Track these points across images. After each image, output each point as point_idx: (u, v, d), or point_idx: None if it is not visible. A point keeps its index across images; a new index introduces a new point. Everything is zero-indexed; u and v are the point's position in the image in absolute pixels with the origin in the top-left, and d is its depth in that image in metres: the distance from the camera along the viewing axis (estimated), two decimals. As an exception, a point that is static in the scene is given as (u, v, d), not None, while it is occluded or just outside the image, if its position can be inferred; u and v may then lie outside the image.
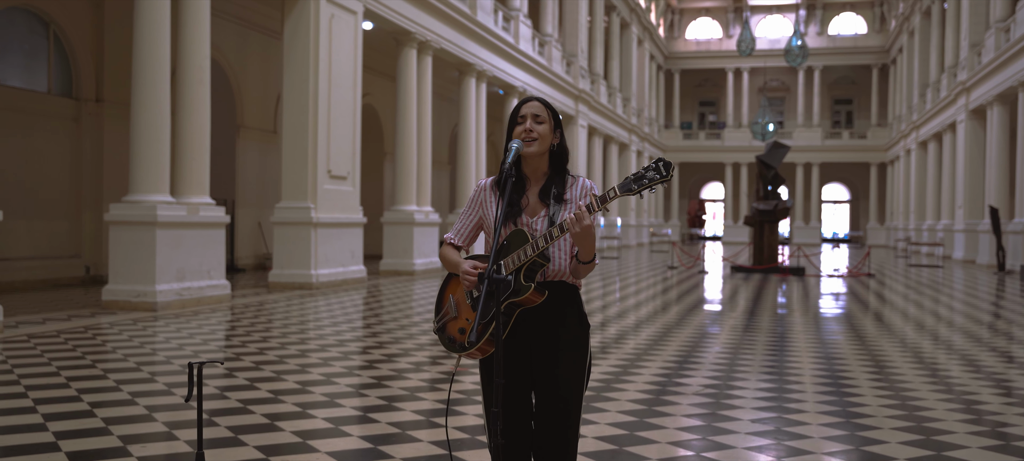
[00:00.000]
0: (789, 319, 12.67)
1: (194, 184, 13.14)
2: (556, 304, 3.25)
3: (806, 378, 7.82)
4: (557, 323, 3.26)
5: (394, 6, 18.88)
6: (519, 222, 3.27)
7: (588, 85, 36.82)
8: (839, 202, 59.68)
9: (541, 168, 3.34)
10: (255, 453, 5.09)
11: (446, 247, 3.46)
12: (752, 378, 7.78)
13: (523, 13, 28.17)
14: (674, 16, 58.81)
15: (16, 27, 15.95)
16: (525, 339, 3.26)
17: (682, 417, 6.22)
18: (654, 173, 3.00)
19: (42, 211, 16.14)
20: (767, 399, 6.87)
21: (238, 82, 20.94)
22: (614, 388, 7.22)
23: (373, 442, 5.42)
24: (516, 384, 3.28)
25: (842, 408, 6.58)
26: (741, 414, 6.34)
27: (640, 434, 5.71)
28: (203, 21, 13.23)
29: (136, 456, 4.97)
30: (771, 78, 57.97)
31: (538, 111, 3.29)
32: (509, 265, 3.17)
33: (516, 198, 3.30)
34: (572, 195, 3.29)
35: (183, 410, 6.13)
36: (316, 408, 6.30)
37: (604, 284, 19.16)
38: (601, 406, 6.52)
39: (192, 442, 5.29)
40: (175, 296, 12.36)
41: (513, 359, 3.27)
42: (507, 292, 3.14)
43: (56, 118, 16.51)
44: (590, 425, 5.90)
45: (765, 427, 5.97)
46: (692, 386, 7.36)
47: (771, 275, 22.44)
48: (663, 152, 56.34)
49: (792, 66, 38.74)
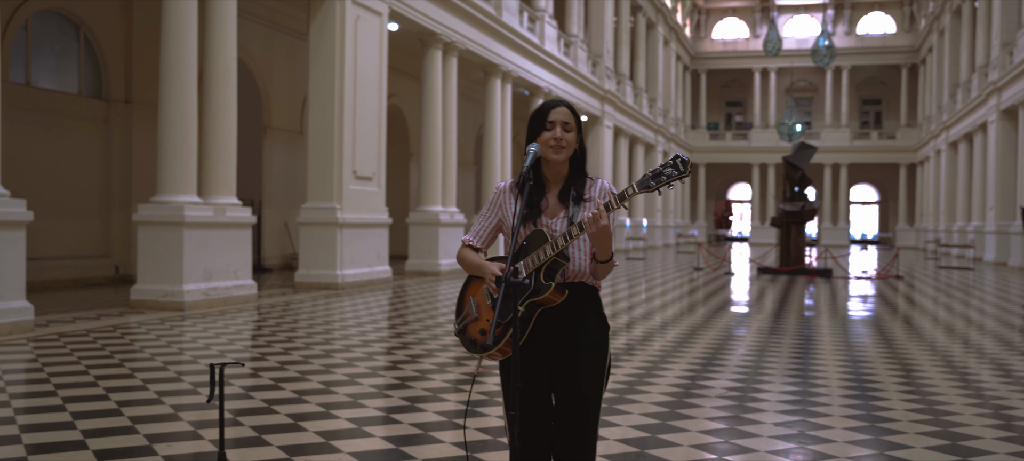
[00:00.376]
0: (815, 321, 12.58)
1: (221, 185, 13.25)
2: (576, 305, 3.26)
3: (831, 381, 7.77)
4: (577, 324, 3.26)
5: (419, 7, 18.94)
6: (538, 223, 3.28)
7: (614, 86, 36.74)
8: (868, 203, 59.16)
9: (561, 171, 3.34)
10: (279, 453, 5.13)
11: (464, 248, 3.47)
12: (777, 381, 7.74)
13: (548, 14, 28.16)
14: (700, 16, 58.56)
15: (48, 30, 16.16)
16: (545, 340, 3.27)
17: (705, 420, 6.19)
18: (672, 170, 2.99)
19: (72, 211, 16.34)
20: (791, 402, 6.83)
21: (265, 83, 21.08)
22: (637, 390, 7.21)
23: (396, 443, 5.44)
24: (536, 385, 3.28)
25: (867, 412, 6.53)
26: (765, 417, 6.30)
27: (662, 437, 5.69)
28: (230, 23, 13.33)
29: (161, 455, 5.02)
30: (798, 78, 57.59)
31: (567, 119, 3.29)
32: (529, 265, 3.18)
33: (536, 200, 3.31)
34: (591, 196, 3.29)
35: (208, 410, 6.18)
36: (339, 408, 6.33)
37: (630, 285, 19.11)
38: (624, 408, 6.50)
39: (217, 441, 5.33)
40: (202, 296, 12.47)
41: (533, 360, 3.27)
42: (527, 293, 3.15)
43: (86, 119, 16.70)
44: (613, 427, 5.89)
45: (789, 430, 5.93)
46: (716, 388, 7.32)
47: (798, 277, 22.28)
48: (689, 153, 56.11)
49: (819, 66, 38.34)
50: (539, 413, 3.30)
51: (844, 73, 54.89)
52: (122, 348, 8.92)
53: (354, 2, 16.41)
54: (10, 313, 9.59)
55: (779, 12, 57.24)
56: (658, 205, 45.20)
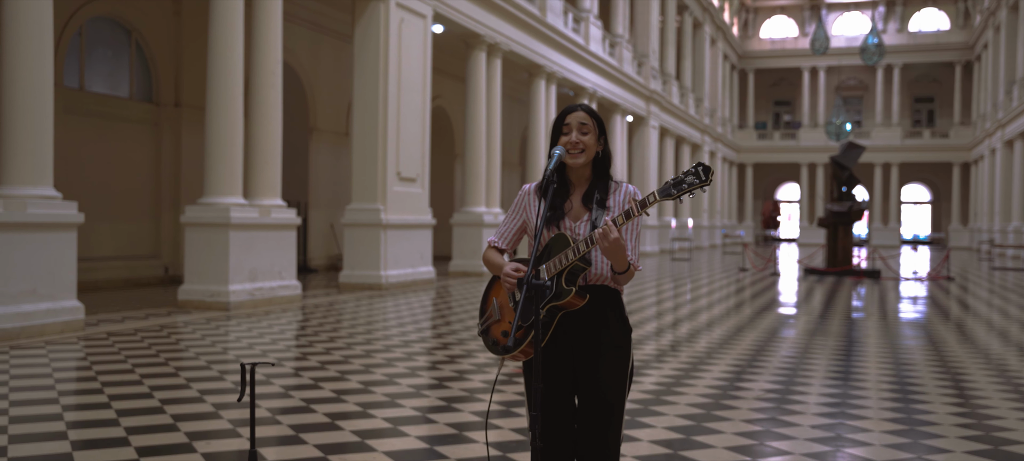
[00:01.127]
0: (860, 323, 12.42)
1: (266, 186, 13.45)
2: (598, 307, 3.28)
3: (872, 384, 7.67)
4: (599, 326, 3.28)
5: (463, 9, 19.04)
6: (562, 226, 3.30)
7: (659, 85, 36.57)
8: (920, 203, 58.14)
9: (585, 174, 3.36)
10: (314, 452, 5.21)
11: (489, 250, 3.51)
12: (816, 383, 7.66)
13: (593, 14, 28.12)
14: (748, 15, 58.02)
15: (100, 35, 16.53)
16: (567, 342, 3.29)
17: (741, 422, 6.16)
18: (693, 178, 3.00)
19: (123, 212, 16.69)
20: (830, 405, 6.77)
21: (311, 86, 21.34)
22: (675, 391, 7.19)
23: (430, 442, 5.50)
24: (558, 387, 3.31)
25: (907, 416, 6.45)
26: (802, 420, 6.25)
27: (696, 438, 5.68)
28: (275, 26, 13.52)
29: (200, 452, 5.13)
30: (848, 77, 56.81)
31: (584, 120, 3.31)
32: (551, 269, 3.21)
33: (559, 203, 3.34)
34: (615, 201, 3.31)
35: (247, 408, 6.29)
36: (377, 408, 6.41)
37: (675, 286, 19.01)
38: (659, 410, 6.49)
39: (260, 439, 5.43)
40: (247, 296, 12.67)
41: (555, 362, 3.30)
42: (548, 296, 3.18)
43: (137, 122, 17.06)
44: (646, 429, 5.89)
45: (826, 434, 5.88)
46: (754, 390, 7.28)
47: (845, 278, 22.00)
48: (737, 153, 55.65)
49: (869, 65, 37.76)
50: (562, 415, 3.32)
51: (895, 71, 54.01)
52: (168, 347, 9.11)
53: (398, 5, 16.55)
54: (62, 312, 9.84)
55: (828, 10, 56.51)
56: (705, 205, 44.89)
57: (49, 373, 7.50)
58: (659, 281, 20.40)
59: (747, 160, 56.79)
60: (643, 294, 16.74)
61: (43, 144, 9.77)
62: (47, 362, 8.04)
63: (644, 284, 19.23)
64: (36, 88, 9.66)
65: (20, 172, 9.61)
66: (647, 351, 9.55)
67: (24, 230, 9.48)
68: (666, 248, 35.97)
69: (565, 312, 3.25)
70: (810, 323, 12.35)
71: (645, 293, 16.96)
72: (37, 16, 9.69)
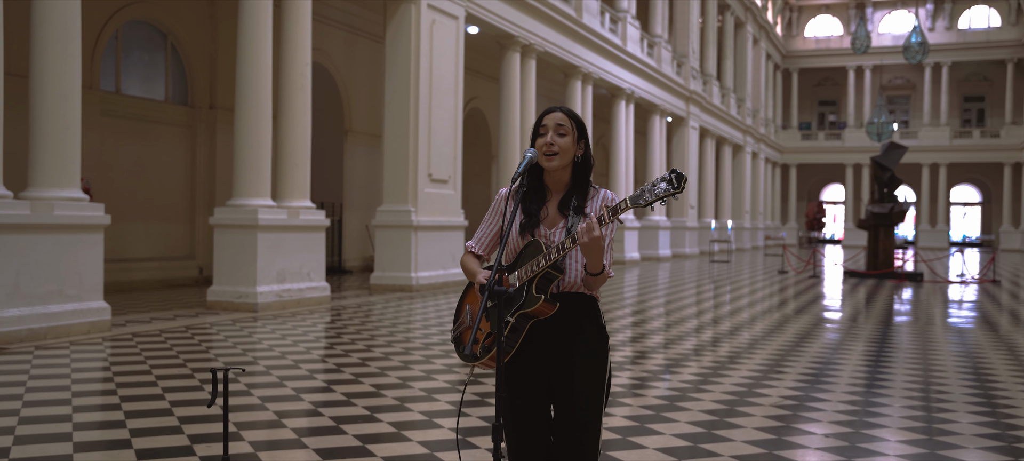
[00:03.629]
0: (892, 327, 12.15)
1: (295, 188, 13.50)
2: (572, 316, 3.19)
3: (896, 391, 7.47)
4: (574, 335, 3.19)
5: (496, 10, 18.99)
6: (537, 233, 3.22)
7: (700, 86, 36.23)
8: (969, 204, 56.94)
9: (563, 179, 3.28)
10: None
11: (466, 256, 3.45)
12: (838, 390, 7.48)
13: (631, 15, 27.93)
14: (792, 14, 57.27)
15: (136, 39, 16.74)
16: (541, 351, 3.21)
17: (753, 430, 6.02)
18: (666, 185, 2.90)
19: (159, 214, 16.88)
20: (848, 413, 6.59)
21: (346, 88, 21.43)
22: (690, 398, 7.06)
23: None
24: (533, 397, 3.23)
25: (928, 425, 6.26)
26: (816, 428, 6.10)
27: (704, 446, 5.56)
28: (304, 28, 13.58)
29: (199, 456, 5.12)
30: (895, 76, 55.81)
31: (561, 122, 3.23)
32: (522, 275, 3.14)
33: (535, 208, 3.25)
34: (592, 207, 3.22)
35: (257, 410, 6.29)
36: (383, 412, 6.37)
37: (715, 287, 18.78)
38: (671, 416, 6.38)
39: (256, 442, 5.42)
40: (275, 297, 12.73)
41: (529, 372, 3.23)
42: (518, 303, 3.11)
43: (173, 124, 17.25)
44: (654, 436, 5.79)
45: (839, 443, 5.72)
46: (771, 397, 7.12)
47: (886, 280, 21.58)
48: (780, 153, 54.98)
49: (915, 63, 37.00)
50: (537, 426, 3.24)
51: (944, 69, 52.95)
52: (189, 348, 9.16)
53: (430, 6, 16.55)
54: (88, 313, 9.95)
55: (874, 8, 55.59)
56: (746, 207, 44.42)
57: (67, 374, 7.57)
58: (698, 283, 20.17)
59: (791, 161, 56.08)
60: (681, 295, 16.55)
61: (70, 147, 9.89)
62: (68, 362, 8.13)
63: (681, 286, 19.02)
64: (63, 92, 9.78)
65: (47, 174, 9.73)
66: (668, 355, 9.42)
67: (51, 231, 9.60)
68: (706, 250, 35.62)
69: (537, 320, 3.17)
70: (840, 326, 12.10)
71: (684, 292, 16.76)
72: (65, 21, 9.80)
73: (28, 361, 8.14)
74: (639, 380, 7.90)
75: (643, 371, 8.40)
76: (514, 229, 3.24)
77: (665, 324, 12.28)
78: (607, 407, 3.33)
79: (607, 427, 6.00)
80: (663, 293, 17.25)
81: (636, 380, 7.89)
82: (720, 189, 41.05)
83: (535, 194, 3.28)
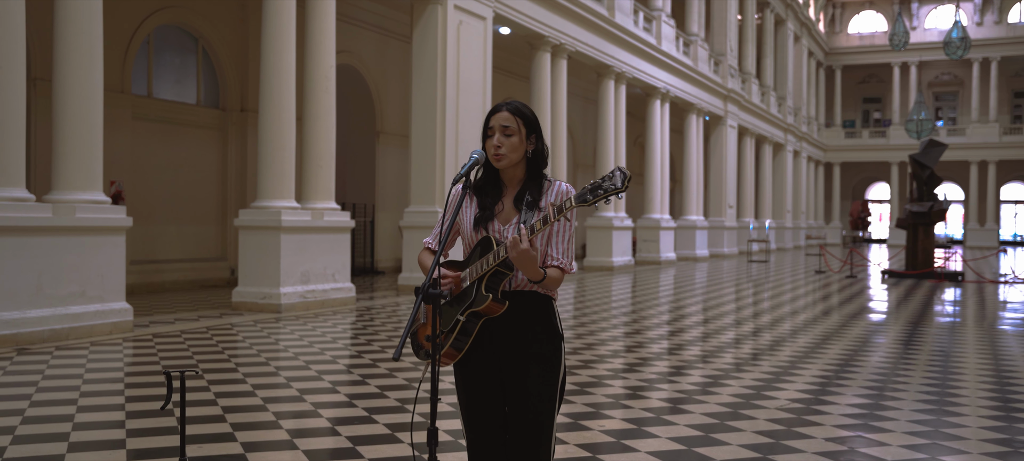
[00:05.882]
0: (921, 330, 11.90)
1: (319, 190, 13.59)
2: (523, 315, 3.16)
3: (910, 395, 7.31)
4: (526, 335, 3.17)
5: (525, 11, 18.96)
6: (490, 228, 3.21)
7: (738, 84, 35.86)
8: (1020, 202, 55.67)
9: (516, 174, 3.25)
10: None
11: (423, 252, 3.46)
12: (847, 393, 7.34)
13: (665, 13, 27.72)
14: (835, 10, 56.47)
15: (168, 43, 16.98)
16: (494, 350, 3.20)
17: (752, 433, 5.93)
18: (610, 184, 2.86)
19: (190, 216, 17.10)
20: (855, 416, 6.47)
21: (378, 89, 21.54)
22: (696, 399, 6.97)
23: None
24: (486, 395, 3.23)
25: (936, 429, 6.11)
26: (818, 432, 5.98)
27: (699, 450, 5.47)
28: (328, 31, 13.66)
29: (190, 456, 5.16)
30: (942, 72, 54.80)
31: (506, 123, 3.19)
32: (473, 274, 3.13)
33: (490, 203, 3.24)
34: (546, 201, 3.18)
35: (255, 412, 6.33)
36: (379, 414, 6.38)
37: (754, 289, 18.57)
38: (672, 419, 6.30)
39: (248, 443, 5.45)
40: (299, 298, 12.82)
41: (482, 370, 3.22)
42: (468, 301, 3.11)
43: (204, 127, 17.46)
44: (650, 439, 5.72)
45: (839, 447, 5.61)
46: (778, 400, 7.01)
47: (924, 281, 21.17)
48: (823, 152, 54.25)
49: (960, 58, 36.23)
50: (491, 425, 3.22)
51: (993, 65, 51.83)
52: (205, 349, 9.25)
53: (456, 7, 16.56)
54: (110, 314, 10.10)
55: (920, 3, 54.58)
56: (788, 206, 43.90)
57: (81, 374, 7.69)
58: (727, 283, 19.96)
59: (834, 159, 55.32)
60: (706, 295, 16.39)
61: (92, 150, 10.05)
62: (84, 363, 8.25)
63: (709, 286, 18.84)
64: (86, 96, 9.94)
65: (70, 177, 9.90)
66: (685, 356, 9.32)
67: (73, 234, 9.76)
68: (744, 250, 35.25)
69: (487, 318, 3.15)
70: (865, 328, 11.89)
71: (723, 291, 16.60)
72: (87, 25, 9.96)
73: (46, 361, 8.27)
74: (632, 389, 7.82)
75: (640, 380, 8.31)
76: (469, 224, 3.24)
77: (691, 324, 12.15)
78: (561, 407, 3.28)
79: (606, 429, 5.95)
80: (688, 293, 17.09)
81: (629, 389, 7.81)
82: (760, 188, 40.61)
83: (491, 188, 3.26)
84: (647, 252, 27.52)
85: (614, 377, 7.97)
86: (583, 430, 5.93)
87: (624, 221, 24.86)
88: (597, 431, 5.94)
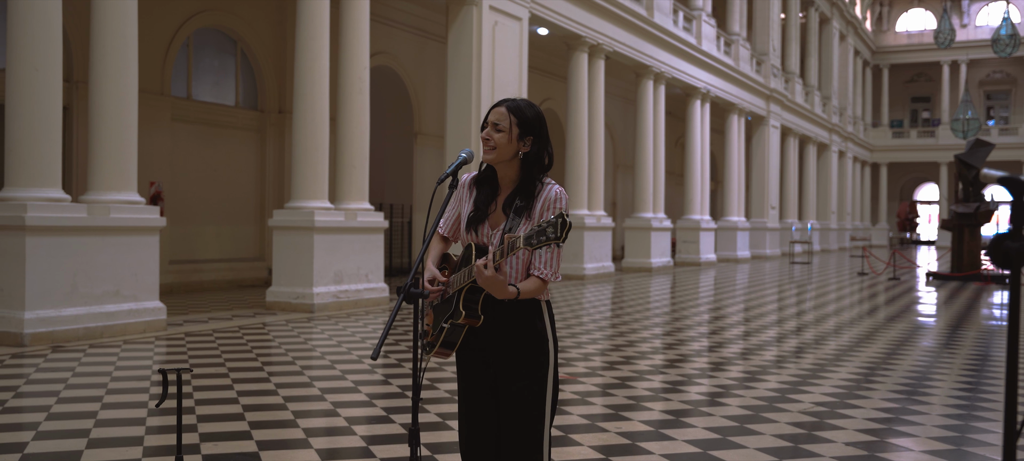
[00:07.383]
0: (958, 333, 11.65)
1: (353, 190, 13.67)
2: (511, 321, 3.13)
3: (937, 400, 7.16)
4: (513, 341, 3.14)
5: (562, 11, 18.92)
6: (481, 231, 3.20)
7: (781, 84, 35.46)
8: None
9: (510, 175, 3.22)
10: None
11: (435, 239, 3.45)
12: (875, 398, 7.20)
13: (706, 12, 27.50)
14: (882, 8, 55.61)
15: (207, 46, 17.21)
16: (481, 353, 3.19)
17: (771, 437, 5.84)
18: (552, 231, 2.78)
19: (229, 216, 17.32)
20: (879, 421, 6.34)
21: (416, 91, 21.63)
22: (718, 402, 6.90)
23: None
24: (479, 395, 3.23)
25: (961, 434, 5.97)
26: (838, 436, 5.88)
27: (713, 453, 5.41)
28: (362, 32, 13.74)
29: (203, 455, 5.21)
30: (994, 70, 53.69)
31: (498, 119, 3.17)
32: (456, 283, 3.13)
33: (484, 203, 3.22)
34: (537, 206, 3.13)
35: (274, 410, 6.37)
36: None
37: (796, 290, 18.35)
38: (693, 421, 6.23)
39: (263, 442, 5.49)
40: (332, 298, 12.91)
41: (474, 372, 3.24)
42: (447, 313, 3.13)
43: (243, 129, 17.67)
44: (667, 442, 5.66)
45: (858, 451, 5.50)
46: (803, 403, 6.90)
47: (969, 283, 20.76)
48: (870, 152, 53.45)
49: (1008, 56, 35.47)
50: (484, 423, 3.21)
51: (1048, 62, 50.73)
52: (235, 348, 9.35)
53: (492, 8, 16.57)
54: (144, 313, 10.25)
55: (970, 0, 53.50)
56: (833, 207, 43.32)
57: (110, 372, 7.80)
58: (765, 285, 19.74)
59: (881, 160, 54.47)
60: (757, 296, 16.22)
61: (127, 151, 10.21)
62: (115, 361, 8.38)
63: (748, 288, 18.64)
64: (121, 98, 10.10)
65: (105, 178, 10.07)
66: (714, 358, 9.23)
67: (108, 233, 9.92)
68: (786, 251, 34.85)
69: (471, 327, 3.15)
70: (900, 332, 11.67)
71: (764, 291, 16.42)
72: (122, 28, 10.12)
73: (78, 358, 8.41)
74: (672, 383, 7.75)
75: (680, 374, 8.24)
76: (464, 223, 3.24)
77: (730, 324, 12.02)
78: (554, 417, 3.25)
79: (622, 432, 5.90)
80: (725, 294, 16.92)
81: (668, 383, 7.74)
82: (804, 189, 40.12)
83: (490, 186, 3.24)
84: (687, 253, 27.32)
85: (654, 372, 7.91)
86: (623, 421, 5.90)
87: (663, 222, 24.64)
88: (636, 421, 6.03)
